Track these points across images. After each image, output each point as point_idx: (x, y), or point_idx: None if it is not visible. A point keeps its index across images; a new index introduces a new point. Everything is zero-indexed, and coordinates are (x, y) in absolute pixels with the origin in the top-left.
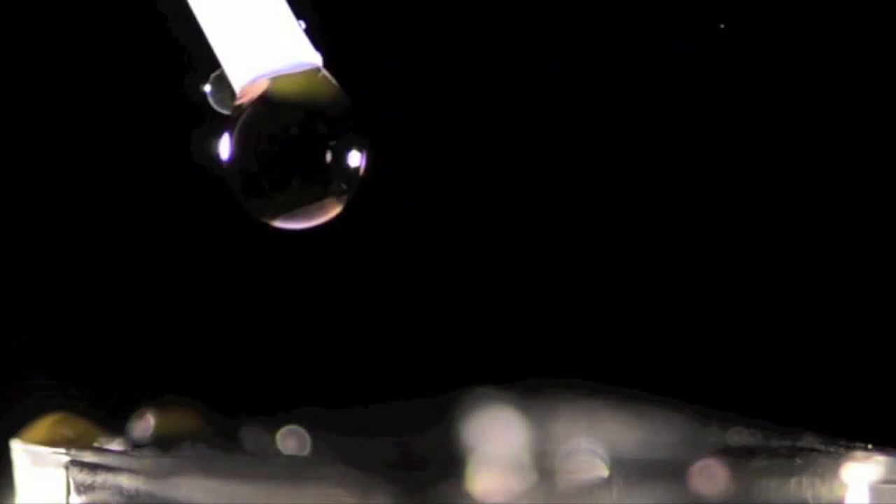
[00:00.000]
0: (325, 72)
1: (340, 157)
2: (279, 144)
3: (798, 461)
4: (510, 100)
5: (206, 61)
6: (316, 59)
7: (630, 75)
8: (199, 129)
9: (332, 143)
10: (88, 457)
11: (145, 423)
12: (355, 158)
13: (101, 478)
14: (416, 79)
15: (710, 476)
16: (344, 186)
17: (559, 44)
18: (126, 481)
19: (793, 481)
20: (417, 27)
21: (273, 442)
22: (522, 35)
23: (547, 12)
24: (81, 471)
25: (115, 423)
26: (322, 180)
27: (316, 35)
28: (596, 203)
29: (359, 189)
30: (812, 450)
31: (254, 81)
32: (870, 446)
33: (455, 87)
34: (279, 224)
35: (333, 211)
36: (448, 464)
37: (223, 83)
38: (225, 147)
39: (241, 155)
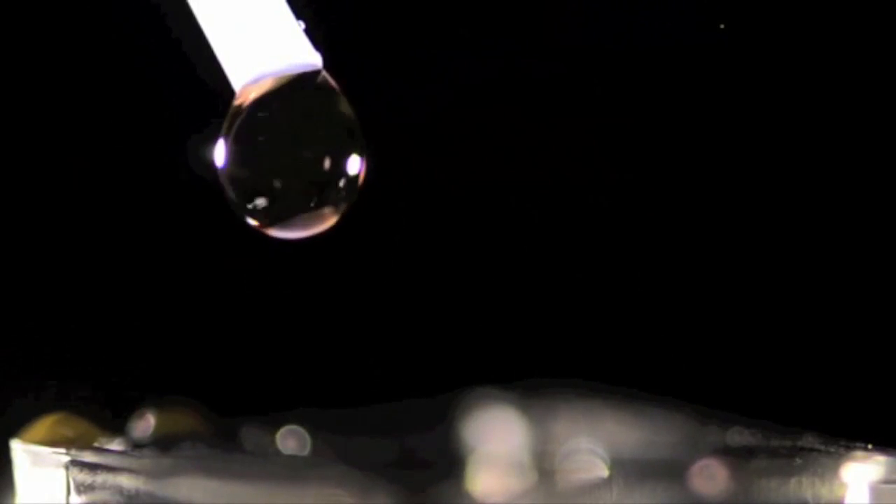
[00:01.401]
0: (325, 73)
1: (339, 164)
2: (275, 151)
3: (798, 461)
4: (509, 99)
5: (207, 61)
6: (316, 59)
7: (614, 72)
8: (199, 129)
9: (331, 149)
10: (88, 457)
11: (145, 423)
12: (354, 165)
13: (101, 478)
14: (415, 79)
15: (710, 476)
16: (342, 194)
17: (555, 45)
18: (126, 481)
19: (793, 481)
20: (417, 27)
21: (273, 442)
22: (520, 34)
23: (544, 15)
24: (81, 471)
25: (115, 423)
26: (320, 189)
27: (316, 35)
28: (596, 203)
29: (357, 196)
30: (812, 450)
31: (254, 82)
32: (870, 446)
33: (454, 87)
34: (275, 234)
35: (330, 220)
36: (448, 464)
37: None
38: (220, 153)
39: (236, 162)
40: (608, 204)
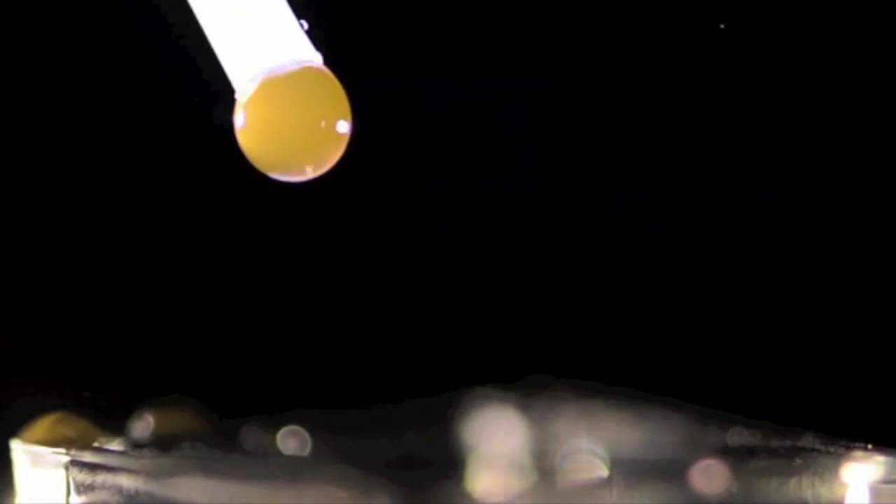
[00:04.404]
0: (326, 69)
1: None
2: None
3: (798, 461)
4: (512, 97)
5: (207, 61)
6: (316, 58)
7: (612, 74)
8: (199, 128)
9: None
10: (88, 457)
11: (145, 423)
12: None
13: (101, 478)
14: (415, 78)
15: (710, 476)
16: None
17: (556, 50)
18: (126, 481)
19: (793, 481)
20: (418, 27)
21: (273, 442)
22: (520, 35)
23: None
24: (81, 471)
25: (115, 423)
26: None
27: (316, 35)
28: (595, 202)
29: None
30: (812, 450)
31: (254, 81)
32: (870, 446)
33: (455, 86)
34: (279, 169)
35: (335, 146)
36: (448, 464)
37: None
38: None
39: None
40: (608, 204)
